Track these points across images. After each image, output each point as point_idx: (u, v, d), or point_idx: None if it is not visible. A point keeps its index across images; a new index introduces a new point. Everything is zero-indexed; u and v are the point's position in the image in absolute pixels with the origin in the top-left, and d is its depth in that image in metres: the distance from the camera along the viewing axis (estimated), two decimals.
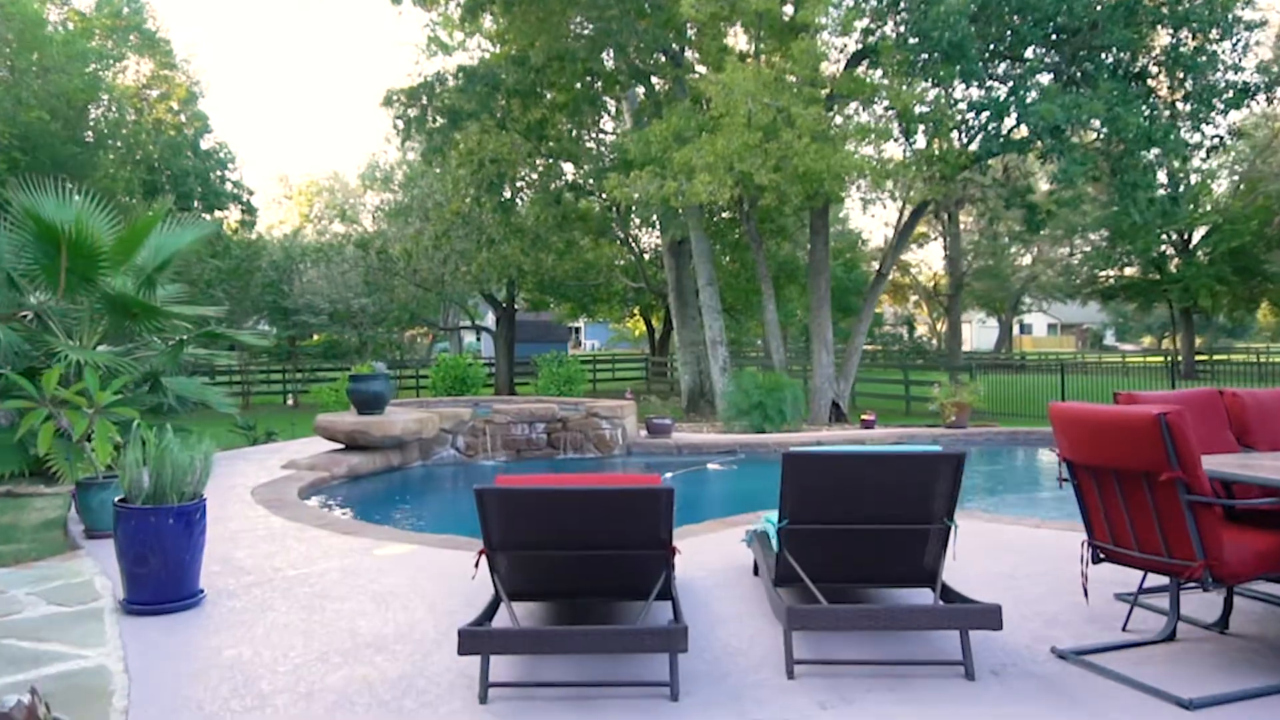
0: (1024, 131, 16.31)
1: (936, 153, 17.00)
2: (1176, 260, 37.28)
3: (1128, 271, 41.22)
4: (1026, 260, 47.76)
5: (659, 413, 15.84)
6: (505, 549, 3.81)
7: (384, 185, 40.29)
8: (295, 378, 31.29)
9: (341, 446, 10.76)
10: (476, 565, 3.97)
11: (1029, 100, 15.29)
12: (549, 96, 20.41)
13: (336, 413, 12.05)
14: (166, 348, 10.62)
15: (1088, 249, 43.28)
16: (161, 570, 4.67)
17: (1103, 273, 42.26)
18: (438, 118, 20.37)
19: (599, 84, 20.46)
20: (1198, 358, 39.17)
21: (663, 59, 19.27)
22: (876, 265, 23.23)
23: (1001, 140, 16.29)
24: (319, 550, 6.09)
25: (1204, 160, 19.72)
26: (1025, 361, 30.29)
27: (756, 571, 5.48)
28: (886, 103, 16.29)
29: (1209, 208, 34.98)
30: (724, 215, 24.24)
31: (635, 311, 41.96)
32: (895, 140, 16.82)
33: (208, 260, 29.31)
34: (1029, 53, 16.64)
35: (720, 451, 12.61)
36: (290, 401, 14.60)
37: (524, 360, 33.29)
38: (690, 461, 12.07)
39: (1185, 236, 36.68)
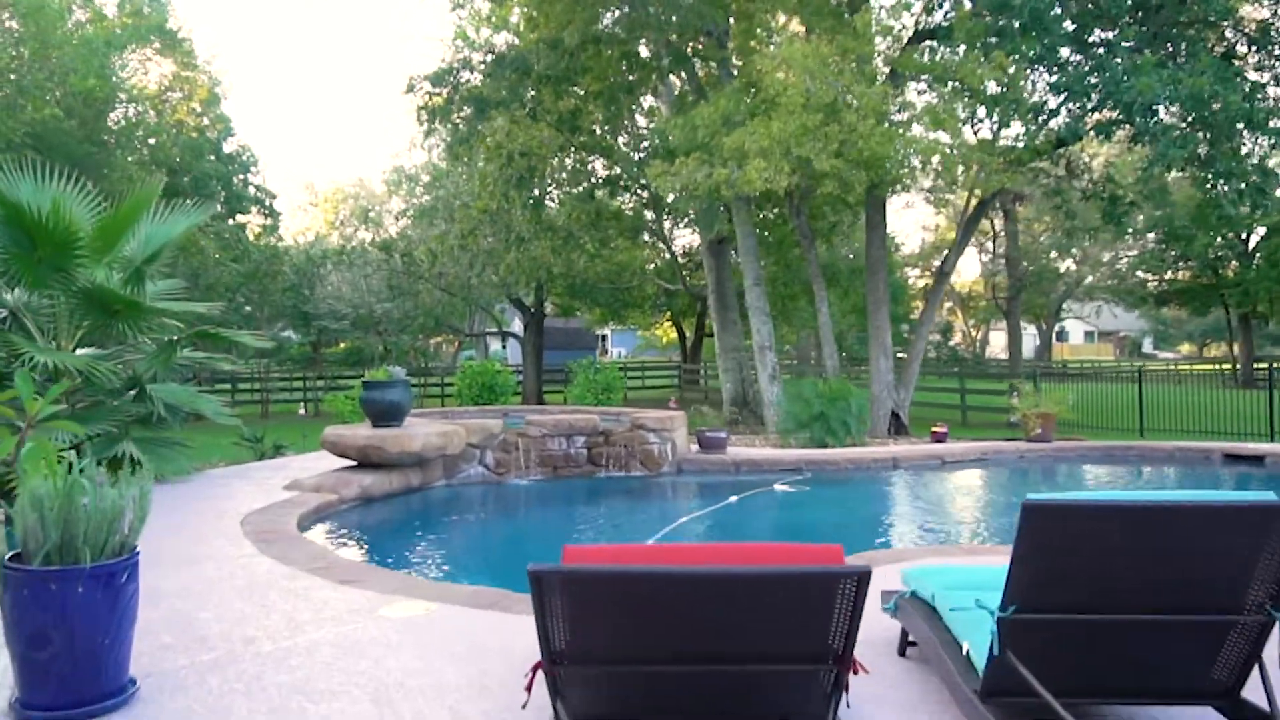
0: (1104, 114, 14.71)
1: (1014, 136, 15.45)
2: (1233, 264, 35.28)
3: (1180, 275, 39.25)
4: (1069, 265, 45.85)
5: (706, 424, 14.31)
6: (578, 662, 2.33)
7: (409, 189, 39.12)
8: (316, 385, 30.07)
9: (353, 464, 9.36)
10: (529, 688, 2.49)
11: (1121, 76, 13.65)
12: (583, 85, 18.99)
13: (348, 425, 10.65)
14: (155, 350, 9.28)
15: (1133, 252, 41.39)
16: (68, 658, 3.24)
17: (1155, 276, 40.30)
18: (464, 107, 19.01)
19: (636, 71, 18.99)
20: (1257, 365, 37.05)
21: (706, 41, 17.79)
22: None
23: (1086, 122, 14.67)
24: (309, 610, 4.65)
25: None
26: (1096, 370, 28.42)
27: (903, 650, 3.98)
28: (956, 83, 14.70)
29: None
30: (768, 213, 22.72)
31: (665, 317, 40.50)
32: (973, 123, 15.25)
33: (227, 264, 28.20)
34: (1114, 26, 15.01)
35: (784, 469, 11.08)
36: (304, 411, 13.22)
37: (553, 368, 31.91)
38: (752, 482, 10.55)
39: (1244, 239, 34.66)
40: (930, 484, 10.70)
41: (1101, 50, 14.75)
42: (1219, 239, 33.41)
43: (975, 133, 16.00)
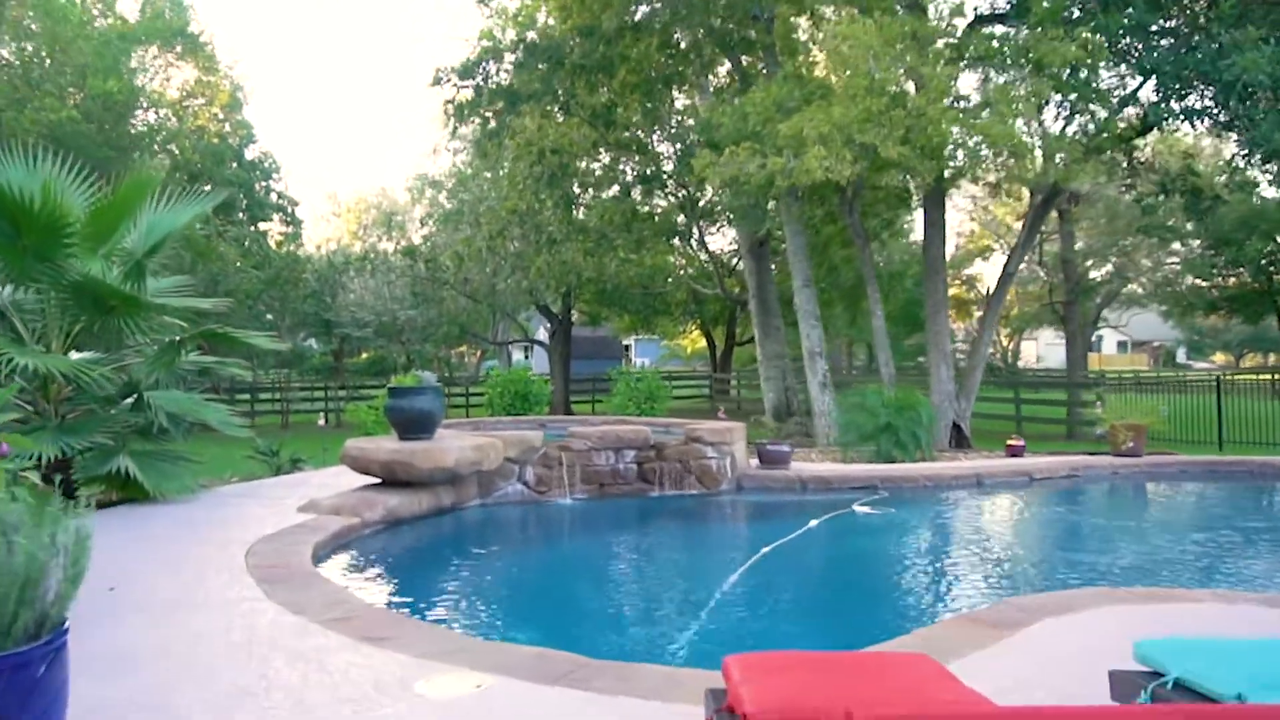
0: (1191, 99, 13.46)
1: (1083, 125, 14.22)
2: None
3: (1229, 282, 37.56)
4: (1106, 270, 44.16)
5: (764, 435, 13.14)
6: None
7: (433, 194, 38.21)
8: (338, 395, 29.11)
9: (377, 481, 8.26)
10: None
11: (1216, 55, 12.40)
12: (619, 76, 17.91)
13: (372, 437, 9.55)
14: (155, 352, 8.24)
15: (1172, 259, 39.82)
16: None
17: (1206, 282, 38.66)
18: (494, 100, 17.97)
19: (676, 62, 17.86)
20: None
21: (753, 25, 16.65)
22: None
23: (1173, 107, 13.41)
24: (324, 684, 3.52)
25: None
26: (1153, 380, 26.83)
27: None
28: (1029, 66, 13.48)
29: None
30: (809, 212, 21.52)
31: (694, 325, 39.32)
32: (1042, 109, 14.01)
33: (248, 270, 27.39)
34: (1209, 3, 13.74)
35: (856, 487, 9.88)
36: (324, 423, 12.15)
37: (579, 378, 30.83)
38: (822, 503, 9.36)
39: None
40: (1028, 505, 9.47)
41: (1190, 30, 13.50)
42: (1271, 243, 31.83)
43: (1040, 123, 14.79)
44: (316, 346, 43.15)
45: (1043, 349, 71.02)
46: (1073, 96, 13.60)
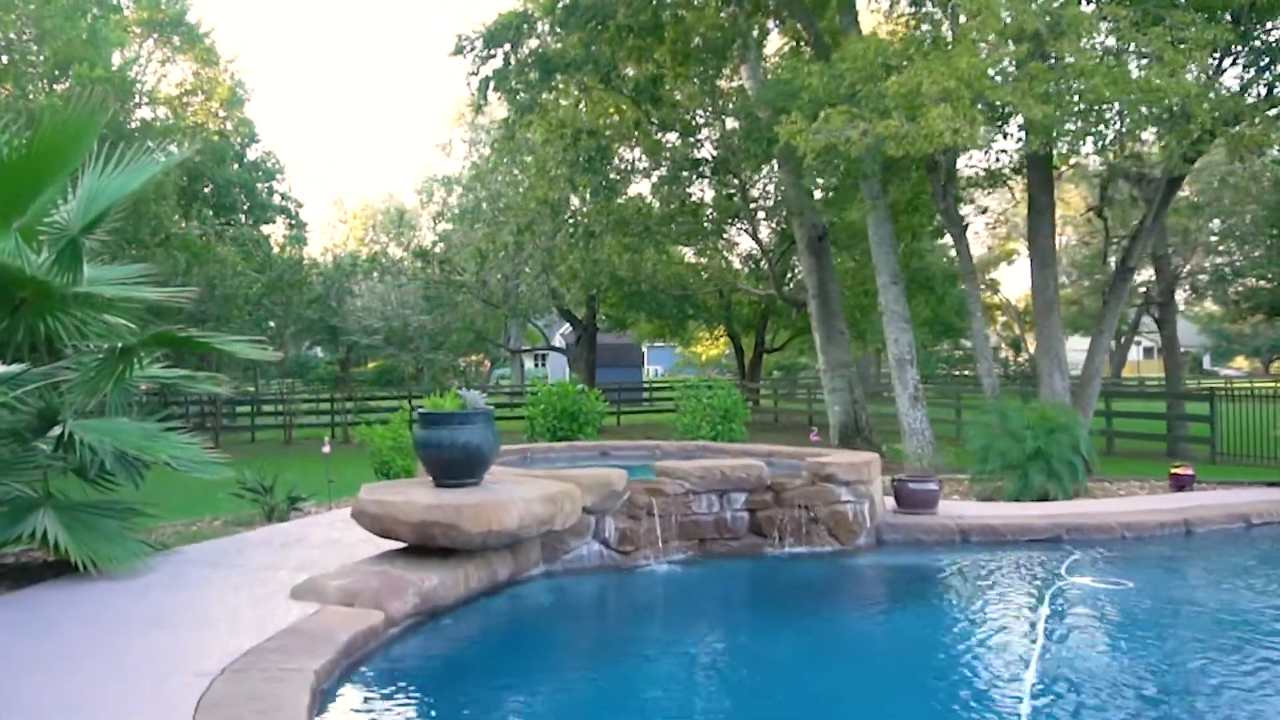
0: None
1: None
2: None
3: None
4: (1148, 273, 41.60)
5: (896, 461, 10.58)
6: None
7: (448, 188, 35.75)
8: (345, 408, 26.67)
9: (401, 545, 5.81)
10: None
11: None
12: (667, 42, 15.50)
13: (395, 483, 7.07)
14: (92, 365, 5.81)
15: (1219, 260, 37.37)
16: None
17: (1269, 282, 36.12)
18: (525, 71, 15.58)
19: (742, 17, 15.39)
20: None
21: None
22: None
23: None
24: None
25: None
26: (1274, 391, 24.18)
27: None
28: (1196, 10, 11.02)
29: None
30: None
31: (720, 330, 36.79)
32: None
33: (247, 273, 25.06)
34: None
35: (1034, 539, 7.42)
36: (329, 448, 9.67)
37: (604, 388, 28.33)
38: (995, 562, 6.89)
39: None
40: None
41: None
42: None
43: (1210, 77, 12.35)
44: (322, 355, 40.81)
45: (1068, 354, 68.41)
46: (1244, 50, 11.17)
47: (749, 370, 33.98)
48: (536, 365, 61.23)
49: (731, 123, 17.70)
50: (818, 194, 18.29)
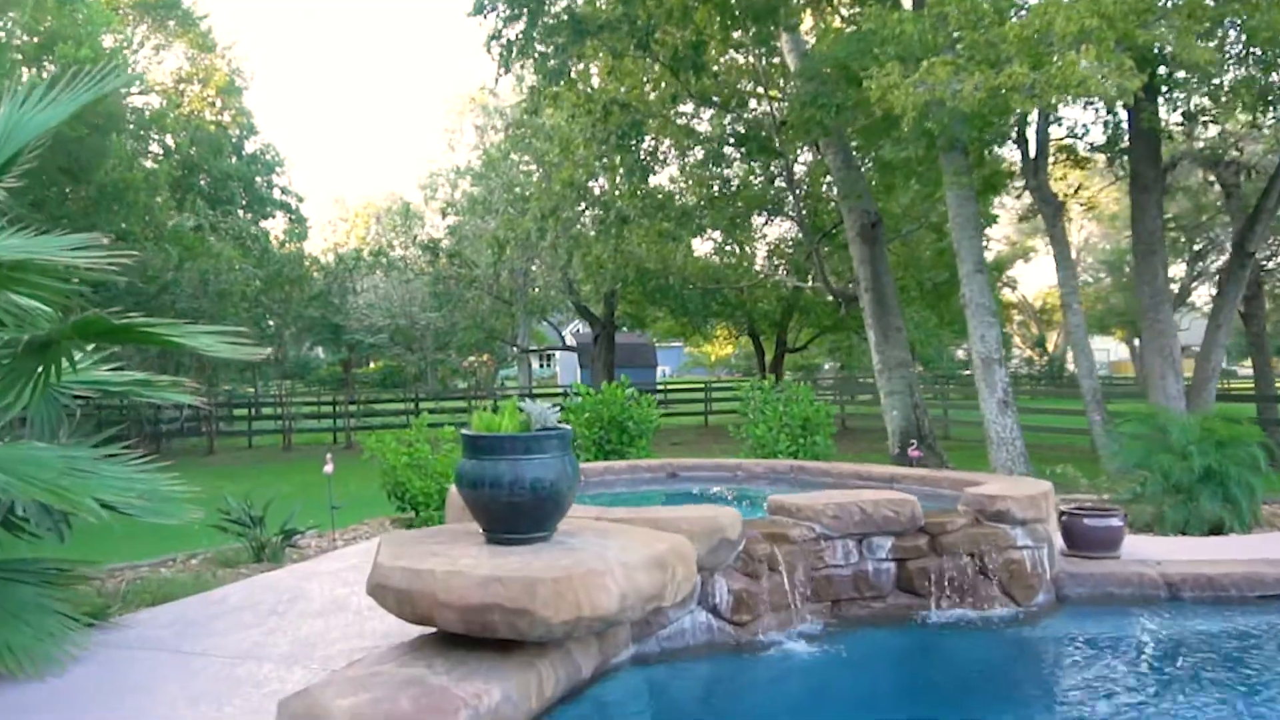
0: None
1: None
2: None
3: None
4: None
5: (1062, 484, 8.62)
6: None
7: (451, 186, 33.93)
8: (348, 411, 24.88)
9: (433, 631, 3.96)
10: None
11: None
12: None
13: (427, 534, 5.12)
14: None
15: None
16: None
17: None
18: (554, 34, 13.77)
19: None
20: None
21: None
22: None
23: None
24: None
25: None
26: None
27: None
28: None
29: None
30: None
31: (733, 329, 34.82)
32: None
33: (245, 268, 23.26)
34: None
35: (1269, 598, 5.60)
36: (331, 467, 7.94)
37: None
38: (1231, 636, 5.07)
39: None
40: None
41: None
42: None
43: None
44: (323, 355, 39.05)
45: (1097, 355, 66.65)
46: None
47: (769, 371, 32.12)
48: (542, 366, 59.33)
49: (780, 94, 15.88)
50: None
